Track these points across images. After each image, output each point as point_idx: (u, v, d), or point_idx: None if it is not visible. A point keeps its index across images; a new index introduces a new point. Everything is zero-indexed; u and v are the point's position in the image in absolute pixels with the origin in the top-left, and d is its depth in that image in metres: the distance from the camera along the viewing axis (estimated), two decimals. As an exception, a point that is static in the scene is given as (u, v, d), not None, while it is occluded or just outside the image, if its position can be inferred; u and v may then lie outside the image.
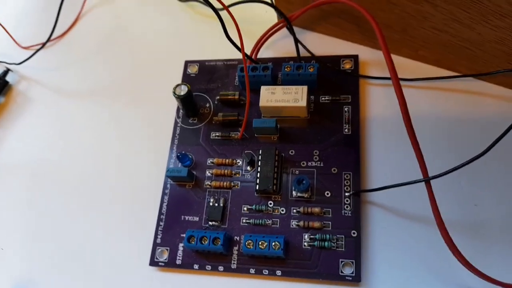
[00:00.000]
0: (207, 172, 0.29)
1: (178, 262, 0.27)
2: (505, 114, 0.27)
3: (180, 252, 0.27)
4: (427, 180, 0.22)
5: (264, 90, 0.28)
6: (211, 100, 0.31)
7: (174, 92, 0.29)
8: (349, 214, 0.26)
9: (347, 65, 0.30)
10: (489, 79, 0.28)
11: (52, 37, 0.38)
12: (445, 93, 0.29)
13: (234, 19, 0.27)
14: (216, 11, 0.26)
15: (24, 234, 0.30)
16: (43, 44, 0.38)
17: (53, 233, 0.30)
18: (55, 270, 0.29)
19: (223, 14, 0.27)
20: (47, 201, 0.31)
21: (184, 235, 0.27)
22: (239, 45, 0.28)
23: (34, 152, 0.34)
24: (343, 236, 0.25)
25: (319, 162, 0.27)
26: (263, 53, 0.32)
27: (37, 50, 0.38)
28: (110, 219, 0.29)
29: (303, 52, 0.31)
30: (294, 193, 0.27)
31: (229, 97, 0.30)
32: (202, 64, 0.33)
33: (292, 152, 0.28)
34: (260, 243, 0.25)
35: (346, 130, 0.28)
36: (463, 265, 0.22)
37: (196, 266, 0.26)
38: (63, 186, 0.32)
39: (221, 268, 0.26)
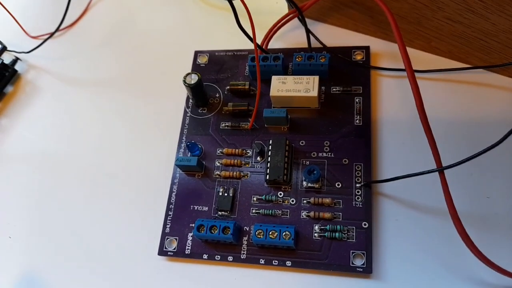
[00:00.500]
0: (217, 162, 0.29)
1: (187, 251, 0.27)
2: (518, 106, 0.27)
3: (189, 242, 0.27)
4: (441, 170, 0.22)
5: (275, 79, 0.28)
6: (221, 90, 0.31)
7: (184, 81, 0.28)
8: (360, 205, 0.26)
9: (359, 56, 0.30)
10: (502, 71, 0.28)
11: (62, 27, 0.38)
12: (457, 85, 0.28)
13: (247, 8, 0.27)
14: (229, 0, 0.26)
15: (32, 223, 0.30)
16: (52, 34, 0.38)
17: (62, 222, 0.30)
18: (64, 258, 0.29)
19: (235, 3, 0.27)
20: (56, 190, 0.31)
21: (193, 224, 0.27)
22: (251, 34, 0.27)
23: (42, 141, 0.34)
24: (354, 227, 0.25)
25: (330, 153, 0.27)
26: (274, 44, 0.32)
27: (46, 39, 0.38)
28: (119, 208, 0.29)
29: (314, 43, 0.31)
30: (304, 183, 0.27)
31: (239, 87, 0.30)
32: (211, 54, 0.33)
33: (302, 142, 0.28)
34: (270, 232, 0.25)
35: (357, 121, 0.28)
36: (477, 256, 0.22)
37: (205, 256, 0.26)
38: (71, 176, 0.31)
39: (230, 258, 0.26)
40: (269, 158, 0.27)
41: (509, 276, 0.22)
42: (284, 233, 0.24)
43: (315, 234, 0.25)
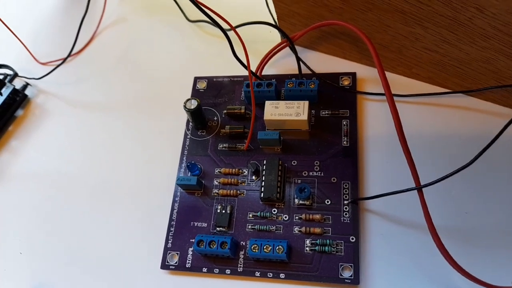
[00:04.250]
0: (215, 181, 0.31)
1: (188, 265, 0.28)
2: (492, 128, 0.29)
3: (189, 256, 0.29)
4: (419, 188, 0.24)
5: (268, 104, 0.31)
6: (219, 113, 0.33)
7: (184, 106, 0.31)
8: (348, 221, 0.27)
9: (346, 82, 0.32)
10: (478, 95, 0.30)
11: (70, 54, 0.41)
12: (437, 108, 0.31)
13: (241, 39, 0.29)
14: (224, 31, 0.28)
15: (41, 239, 0.32)
16: (64, 59, 0.40)
17: (69, 238, 0.32)
18: (72, 273, 0.30)
19: (231, 34, 0.29)
20: (64, 208, 0.33)
21: (193, 240, 0.29)
22: (245, 63, 0.30)
23: (51, 162, 0.36)
24: (343, 241, 0.27)
25: (319, 172, 0.29)
26: (268, 70, 0.34)
27: (58, 65, 0.40)
28: (124, 225, 0.31)
29: (304, 70, 0.33)
30: (296, 200, 0.29)
31: (236, 111, 0.33)
32: (210, 80, 0.35)
33: (294, 162, 0.30)
34: (265, 247, 0.27)
35: (344, 142, 0.30)
36: (454, 268, 0.23)
37: (204, 269, 0.28)
38: (79, 194, 0.33)
39: (228, 271, 0.28)
40: (263, 177, 0.29)
41: (486, 286, 0.24)
42: (277, 247, 0.26)
43: (307, 248, 0.27)
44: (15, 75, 0.40)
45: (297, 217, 0.28)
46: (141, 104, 0.37)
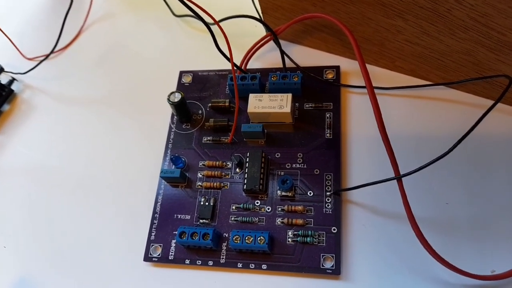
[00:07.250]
0: (199, 173, 0.31)
1: (171, 257, 0.28)
2: (474, 119, 0.29)
3: (172, 248, 0.29)
4: (398, 178, 0.24)
5: (252, 97, 0.31)
6: (203, 107, 0.34)
7: (168, 99, 0.31)
8: (330, 212, 0.28)
9: (330, 75, 0.33)
10: (459, 87, 0.30)
11: (56, 49, 0.41)
12: (420, 100, 0.31)
13: (224, 33, 0.29)
14: (207, 25, 0.28)
15: (25, 233, 0.32)
16: (47, 55, 0.40)
17: (53, 231, 0.32)
18: (55, 266, 0.30)
19: (215, 28, 0.29)
20: (48, 201, 0.33)
21: (176, 232, 0.29)
22: (229, 56, 0.30)
23: (36, 156, 0.36)
24: (324, 232, 0.27)
25: (302, 164, 0.29)
26: (252, 64, 0.35)
27: (41, 61, 0.40)
28: (108, 217, 0.31)
29: (289, 63, 0.34)
30: (279, 192, 0.29)
31: (220, 104, 0.33)
32: (195, 74, 0.35)
33: (278, 155, 0.30)
34: (246, 238, 0.27)
35: (327, 134, 0.30)
36: (433, 257, 0.24)
37: (187, 261, 0.28)
38: (63, 188, 0.33)
39: (210, 262, 0.28)
40: (246, 169, 0.29)
41: (464, 275, 0.24)
42: (259, 238, 0.26)
43: (289, 239, 0.27)
44: (1, 70, 0.40)
45: (279, 209, 0.28)
46: (127, 98, 0.37)
